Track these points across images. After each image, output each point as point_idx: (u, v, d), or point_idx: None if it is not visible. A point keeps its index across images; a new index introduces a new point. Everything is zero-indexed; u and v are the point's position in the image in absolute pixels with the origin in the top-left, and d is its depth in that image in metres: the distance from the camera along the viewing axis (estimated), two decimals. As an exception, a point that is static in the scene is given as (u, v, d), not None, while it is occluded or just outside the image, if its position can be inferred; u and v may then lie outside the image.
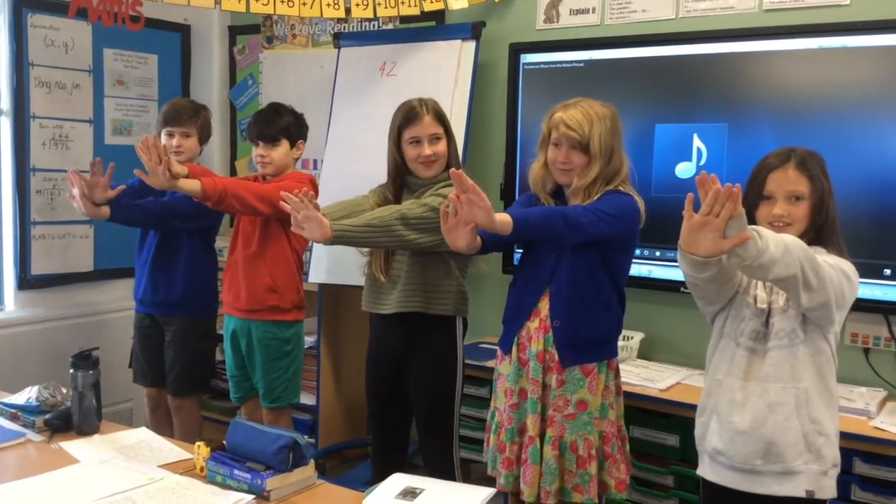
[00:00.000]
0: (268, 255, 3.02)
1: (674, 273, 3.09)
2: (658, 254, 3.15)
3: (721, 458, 2.00)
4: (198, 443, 1.95)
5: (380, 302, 2.67)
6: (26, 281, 3.78)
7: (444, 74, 3.40)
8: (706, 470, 2.06)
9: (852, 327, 2.83)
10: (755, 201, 1.97)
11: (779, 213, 1.94)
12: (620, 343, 2.64)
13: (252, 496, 1.78)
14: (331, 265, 3.45)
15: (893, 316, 2.80)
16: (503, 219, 2.13)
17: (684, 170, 3.10)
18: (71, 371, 2.17)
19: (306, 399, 3.55)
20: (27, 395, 2.26)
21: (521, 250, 2.82)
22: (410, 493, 1.76)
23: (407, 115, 2.59)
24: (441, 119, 2.63)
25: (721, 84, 3.03)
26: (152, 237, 3.24)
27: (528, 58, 3.44)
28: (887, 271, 2.74)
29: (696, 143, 3.07)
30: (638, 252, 3.08)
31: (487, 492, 1.77)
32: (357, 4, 3.44)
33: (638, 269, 3.14)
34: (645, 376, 2.94)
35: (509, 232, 2.15)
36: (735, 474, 1.98)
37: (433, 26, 3.68)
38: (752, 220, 1.91)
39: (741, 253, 1.70)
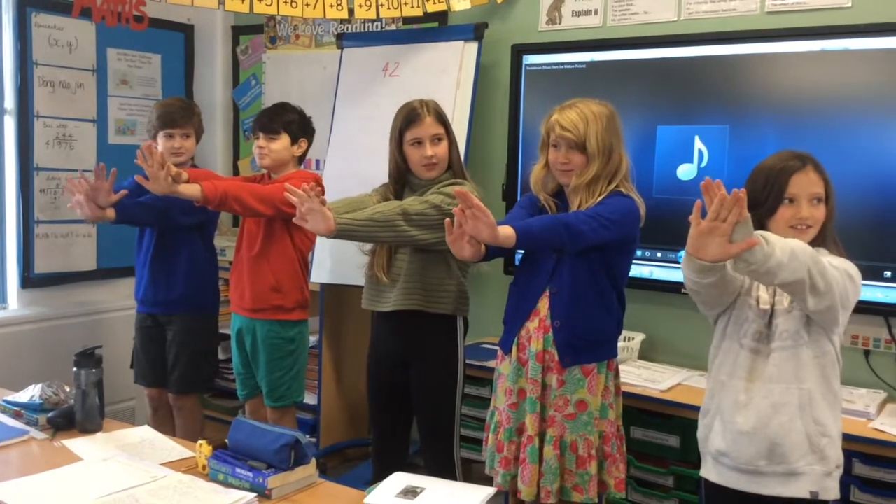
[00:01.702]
0: (271, 255, 3.03)
1: (675, 274, 3.09)
2: (659, 255, 3.16)
3: (725, 459, 2.00)
4: (200, 441, 1.96)
5: (380, 300, 2.67)
6: (29, 279, 3.79)
7: (446, 75, 3.40)
8: (709, 471, 2.06)
9: (852, 329, 2.83)
10: (774, 205, 1.95)
11: (805, 216, 1.93)
12: (621, 344, 2.64)
13: (254, 494, 1.78)
14: (333, 265, 3.45)
15: (894, 318, 2.81)
16: (506, 233, 2.13)
17: (686, 171, 3.10)
18: (74, 369, 2.18)
19: (308, 398, 3.55)
20: (30, 393, 2.27)
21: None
22: (411, 491, 1.77)
23: (408, 117, 2.60)
24: (442, 120, 2.63)
25: (723, 86, 3.03)
26: (149, 237, 3.25)
27: (531, 59, 3.44)
28: (888, 273, 2.75)
29: (698, 144, 3.07)
30: (639, 253, 3.09)
31: (488, 491, 1.78)
32: (360, 5, 3.45)
33: (639, 270, 3.15)
34: (646, 377, 2.94)
35: (513, 245, 2.16)
36: (738, 475, 1.98)
37: (436, 27, 3.69)
38: (765, 225, 1.92)
39: (748, 258, 1.70)
